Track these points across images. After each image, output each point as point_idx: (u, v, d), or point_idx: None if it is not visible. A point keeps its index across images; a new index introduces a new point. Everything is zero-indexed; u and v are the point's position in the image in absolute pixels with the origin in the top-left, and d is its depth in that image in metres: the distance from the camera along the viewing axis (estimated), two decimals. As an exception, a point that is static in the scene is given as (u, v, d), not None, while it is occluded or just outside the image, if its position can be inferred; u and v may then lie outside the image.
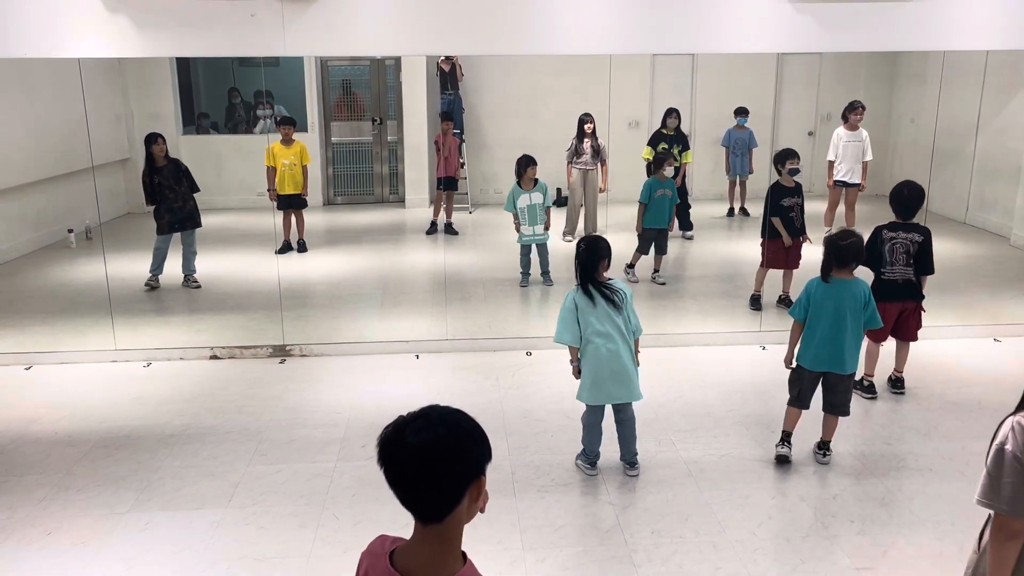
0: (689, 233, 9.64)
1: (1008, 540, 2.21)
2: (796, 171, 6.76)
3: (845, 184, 8.77)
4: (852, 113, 8.68)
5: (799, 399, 4.56)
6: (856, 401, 5.42)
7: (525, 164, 7.72)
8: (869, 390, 5.46)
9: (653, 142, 9.34)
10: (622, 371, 4.25)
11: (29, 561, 3.72)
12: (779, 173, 6.82)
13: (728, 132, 10.25)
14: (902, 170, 10.71)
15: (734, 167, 10.26)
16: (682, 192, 9.38)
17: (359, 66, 11.78)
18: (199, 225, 7.76)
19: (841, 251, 4.38)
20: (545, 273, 7.96)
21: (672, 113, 9.32)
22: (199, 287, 7.78)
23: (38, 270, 8.51)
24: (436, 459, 1.62)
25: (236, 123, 12.56)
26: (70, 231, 8.98)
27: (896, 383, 5.53)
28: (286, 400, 5.47)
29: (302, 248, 9.11)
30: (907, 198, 5.36)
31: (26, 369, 6.05)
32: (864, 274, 4.76)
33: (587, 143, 9.11)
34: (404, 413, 1.72)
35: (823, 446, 4.59)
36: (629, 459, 4.46)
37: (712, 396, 5.47)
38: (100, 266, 6.79)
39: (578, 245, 4.31)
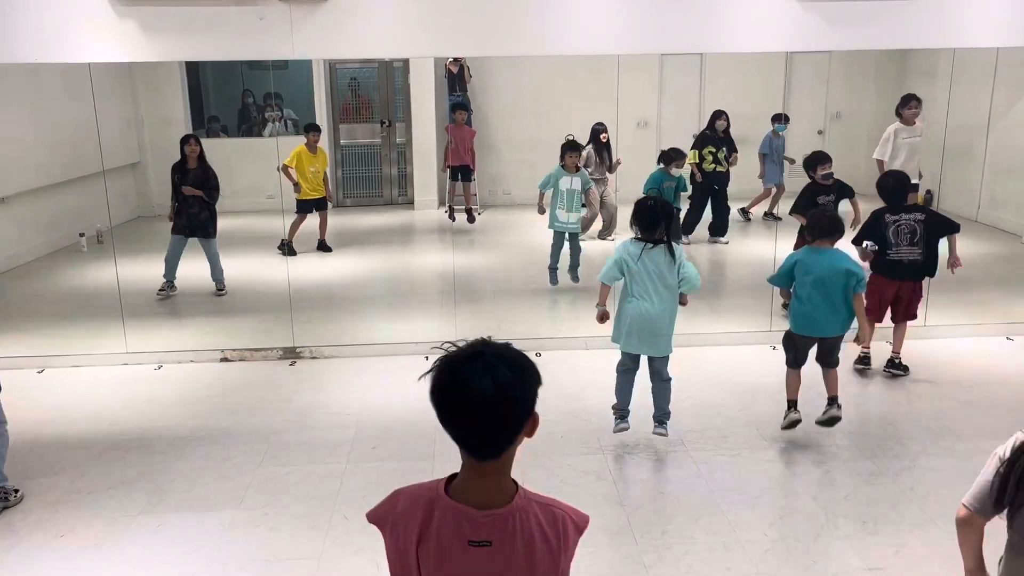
0: (724, 239, 9.34)
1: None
2: (829, 175, 6.60)
3: None
4: (906, 108, 7.71)
5: (795, 361, 4.79)
6: (866, 396, 5.42)
7: (568, 147, 7.62)
8: (863, 361, 5.77)
9: (699, 144, 9.18)
10: (653, 328, 4.52)
11: (42, 563, 3.75)
12: (811, 178, 6.66)
13: (767, 138, 9.87)
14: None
15: (772, 175, 9.88)
16: (722, 196, 9.27)
17: (367, 68, 11.79)
18: (210, 236, 7.64)
19: (821, 221, 4.72)
20: (574, 267, 7.68)
21: (721, 115, 9.17)
22: (223, 293, 7.73)
23: (50, 274, 8.56)
24: (503, 402, 1.66)
25: (251, 125, 12.60)
26: (81, 235, 9.02)
27: (893, 364, 5.67)
28: (296, 402, 5.48)
29: (326, 248, 9.18)
30: (890, 186, 5.66)
31: (38, 372, 6.08)
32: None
33: (603, 153, 9.06)
34: (451, 349, 1.75)
35: (832, 401, 4.73)
36: (659, 416, 4.67)
37: (723, 396, 5.45)
38: (111, 269, 6.83)
39: (652, 204, 4.51)
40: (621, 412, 4.75)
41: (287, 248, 8.88)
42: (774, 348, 6.30)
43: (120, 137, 9.74)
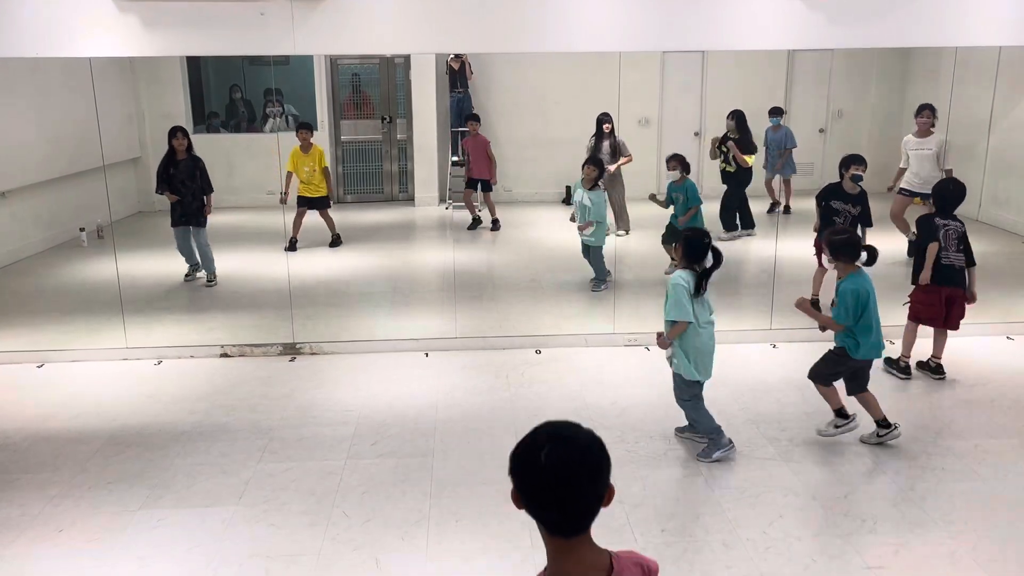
0: (725, 236, 9.22)
1: None
2: (858, 177, 6.53)
3: (911, 193, 8.09)
4: (918, 118, 7.98)
5: (832, 380, 4.72)
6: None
7: (585, 162, 7.68)
8: (905, 371, 5.72)
9: (719, 143, 9.27)
10: (710, 353, 4.57)
11: (43, 559, 3.74)
12: (841, 177, 6.63)
13: (766, 132, 9.93)
14: (914, 167, 10.63)
15: (770, 167, 9.97)
16: (732, 192, 9.29)
17: (369, 64, 11.78)
18: (201, 224, 7.81)
19: (852, 242, 4.57)
20: (594, 279, 7.65)
21: (730, 116, 9.22)
22: (213, 284, 7.84)
23: (50, 269, 8.55)
24: (595, 475, 1.71)
25: (239, 121, 12.56)
26: (82, 230, 9.02)
27: (937, 369, 5.68)
28: (296, 398, 5.48)
29: (336, 243, 9.27)
30: (953, 194, 5.62)
31: (38, 367, 6.08)
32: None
33: (606, 143, 9.07)
34: (523, 442, 1.72)
35: (885, 423, 4.68)
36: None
37: (723, 394, 5.44)
38: (111, 265, 6.82)
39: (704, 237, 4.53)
40: (723, 438, 4.61)
41: (293, 243, 8.92)
42: (774, 346, 6.31)
43: (121, 132, 9.72)
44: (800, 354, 5.86)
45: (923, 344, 5.82)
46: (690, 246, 4.47)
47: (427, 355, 6.19)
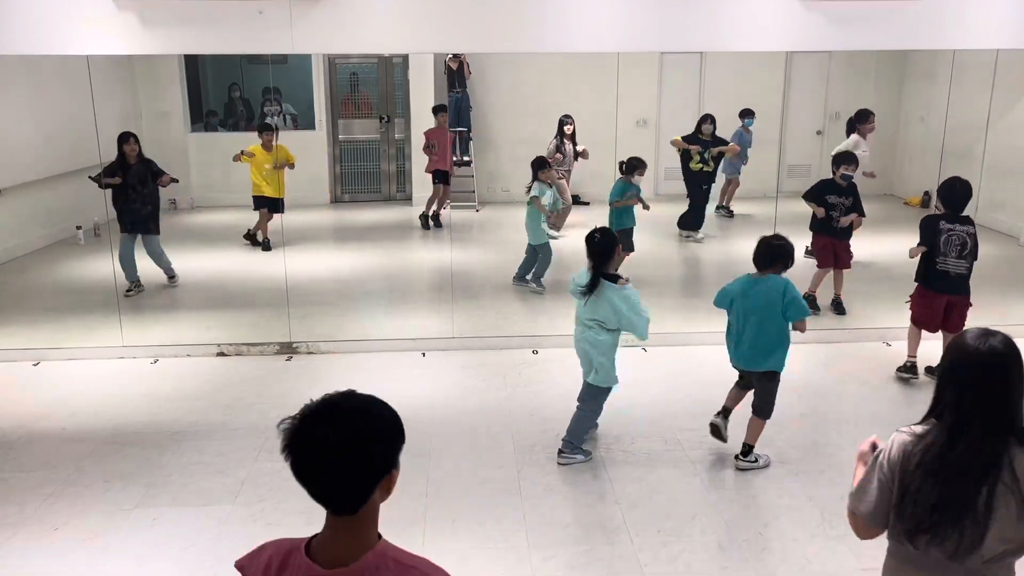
0: (698, 235, 9.39)
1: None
2: (848, 177, 6.72)
3: None
4: (866, 124, 8.14)
5: (741, 384, 4.68)
6: (862, 396, 5.42)
7: (544, 166, 7.72)
8: (910, 371, 5.63)
9: (689, 140, 9.28)
10: (581, 354, 4.61)
11: (38, 557, 3.74)
12: (833, 173, 6.85)
13: (739, 133, 10.02)
14: (911, 169, 10.67)
15: (732, 167, 10.04)
16: (705, 194, 9.30)
17: (367, 64, 11.77)
18: (153, 232, 7.48)
19: (775, 251, 4.40)
20: (539, 279, 7.79)
21: (707, 119, 9.24)
22: (174, 282, 7.68)
23: (47, 267, 8.54)
24: (344, 453, 1.57)
25: (237, 119, 12.55)
26: (79, 228, 9.01)
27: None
28: (293, 397, 5.44)
29: (266, 247, 8.95)
30: (959, 193, 5.47)
31: (34, 365, 6.07)
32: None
33: (568, 145, 9.14)
34: (310, 400, 1.64)
35: (746, 451, 4.50)
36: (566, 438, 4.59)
37: (719, 395, 5.42)
38: (108, 263, 6.82)
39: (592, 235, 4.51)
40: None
41: (264, 243, 8.82)
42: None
43: (118, 130, 9.63)
44: (797, 356, 5.84)
45: (927, 347, 5.84)
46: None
47: (424, 355, 6.19)
